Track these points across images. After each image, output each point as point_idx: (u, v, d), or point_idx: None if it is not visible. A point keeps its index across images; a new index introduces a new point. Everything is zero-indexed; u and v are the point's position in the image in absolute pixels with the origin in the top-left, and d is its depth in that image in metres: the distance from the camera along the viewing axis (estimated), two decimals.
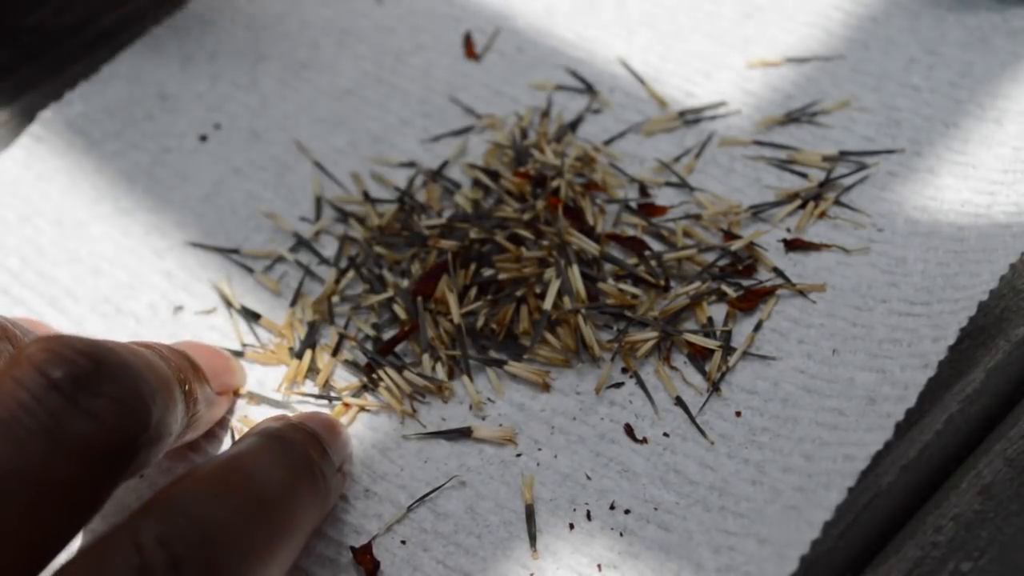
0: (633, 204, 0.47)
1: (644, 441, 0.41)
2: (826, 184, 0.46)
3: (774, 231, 0.45)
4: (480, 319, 0.44)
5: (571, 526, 0.39)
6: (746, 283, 0.44)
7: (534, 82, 0.51)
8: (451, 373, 0.43)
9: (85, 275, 0.47)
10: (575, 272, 0.44)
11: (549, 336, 0.43)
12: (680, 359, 0.42)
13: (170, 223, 0.49)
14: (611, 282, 0.44)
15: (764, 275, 0.44)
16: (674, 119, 0.49)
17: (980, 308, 0.40)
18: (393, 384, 0.43)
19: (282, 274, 0.47)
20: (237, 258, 0.48)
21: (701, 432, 0.40)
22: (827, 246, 0.45)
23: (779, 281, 0.44)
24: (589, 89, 0.51)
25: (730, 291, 0.43)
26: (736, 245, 0.45)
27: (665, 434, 0.41)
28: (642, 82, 0.51)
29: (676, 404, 0.41)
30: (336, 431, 0.40)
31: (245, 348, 0.45)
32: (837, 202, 0.46)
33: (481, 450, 0.41)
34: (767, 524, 0.37)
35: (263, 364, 0.45)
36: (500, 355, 0.43)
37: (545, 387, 0.43)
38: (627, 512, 0.39)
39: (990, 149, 0.46)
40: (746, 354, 0.42)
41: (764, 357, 0.42)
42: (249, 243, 0.48)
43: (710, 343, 0.42)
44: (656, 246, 0.46)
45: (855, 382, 0.40)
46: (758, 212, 0.46)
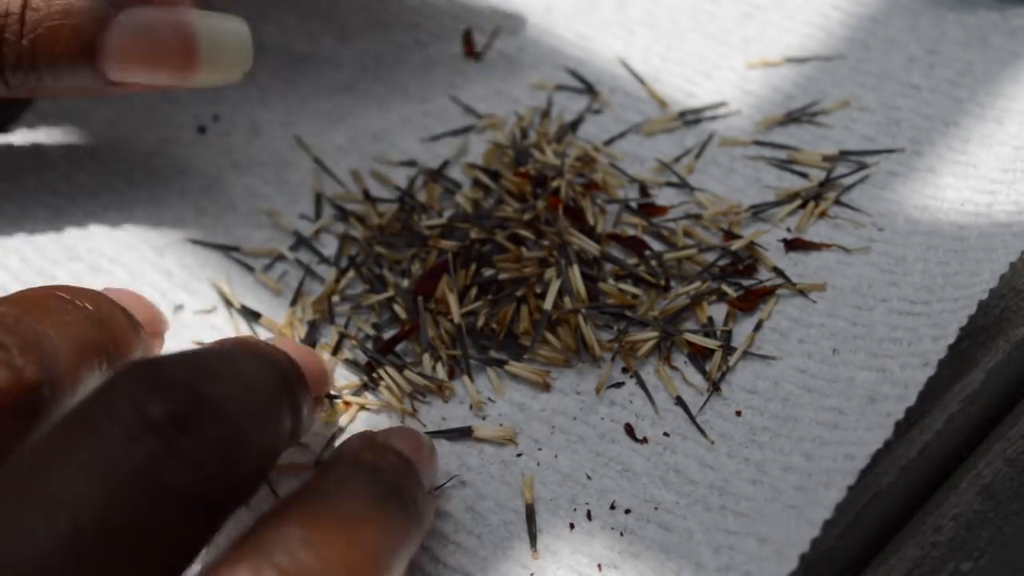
0: (633, 204, 0.47)
1: (644, 441, 0.41)
2: (826, 184, 0.46)
3: (774, 231, 0.45)
4: (480, 319, 0.44)
5: (571, 526, 0.39)
6: (746, 283, 0.44)
7: (534, 82, 0.51)
8: (451, 373, 0.43)
9: (84, 273, 0.47)
10: (575, 272, 0.44)
11: (549, 336, 0.43)
12: (680, 359, 0.42)
13: (169, 219, 0.49)
14: (611, 282, 0.44)
15: (764, 275, 0.44)
16: (674, 119, 0.49)
17: (980, 307, 0.40)
18: (393, 383, 0.43)
19: (282, 273, 0.47)
20: (237, 256, 0.48)
21: (701, 431, 0.40)
22: (827, 246, 0.45)
23: (779, 281, 0.44)
24: (589, 89, 0.51)
25: (730, 291, 0.43)
26: (736, 245, 0.45)
27: (665, 434, 0.41)
28: (642, 82, 0.51)
29: (676, 404, 0.41)
30: (424, 450, 0.38)
31: None
32: (837, 202, 0.46)
33: (481, 450, 0.41)
34: (767, 523, 0.37)
35: None
36: (500, 355, 0.43)
37: (545, 387, 0.43)
38: (627, 512, 0.39)
39: (990, 148, 0.46)
40: (747, 354, 0.42)
41: (764, 357, 0.42)
42: (249, 240, 0.48)
43: (710, 343, 0.42)
44: (656, 246, 0.46)
45: (855, 381, 0.40)
46: (758, 212, 0.46)
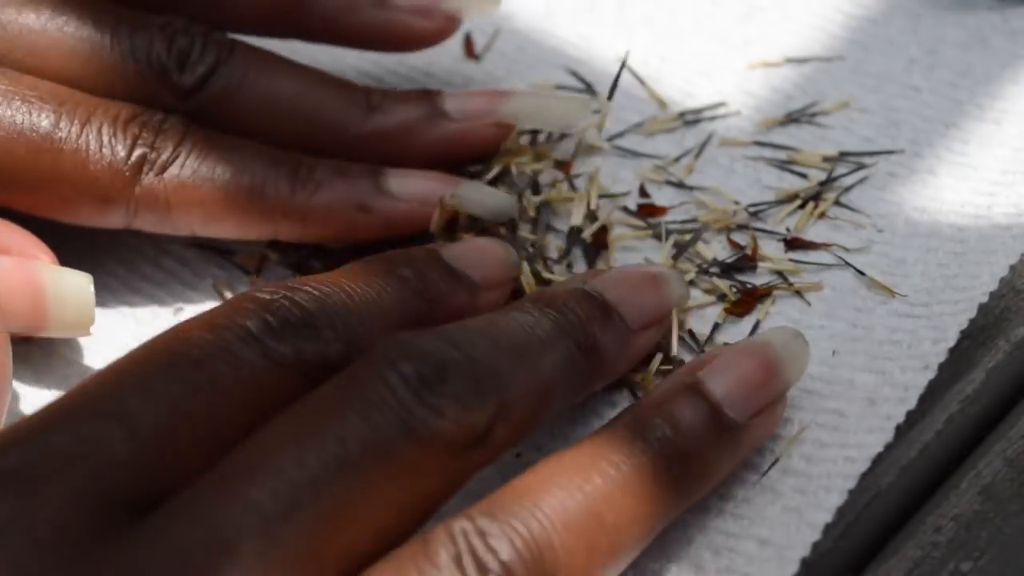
0: (633, 204, 0.47)
1: None
2: (826, 185, 0.46)
3: (774, 231, 0.45)
4: None
5: None
6: (743, 282, 0.44)
7: (534, 82, 0.51)
8: None
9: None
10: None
11: None
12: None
13: None
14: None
15: (763, 275, 0.44)
16: (674, 119, 0.49)
17: (980, 308, 0.40)
18: None
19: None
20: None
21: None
22: (827, 246, 0.45)
23: (776, 281, 0.44)
24: (589, 89, 0.51)
25: (728, 291, 0.43)
26: (735, 245, 0.45)
27: None
28: (642, 82, 0.51)
29: None
30: (638, 286, 0.39)
31: None
32: (837, 203, 0.46)
33: None
34: (767, 526, 0.37)
35: None
36: None
37: None
38: None
39: (990, 150, 0.46)
40: None
41: None
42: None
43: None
44: (656, 245, 0.46)
45: (855, 383, 0.40)
46: (758, 212, 0.46)
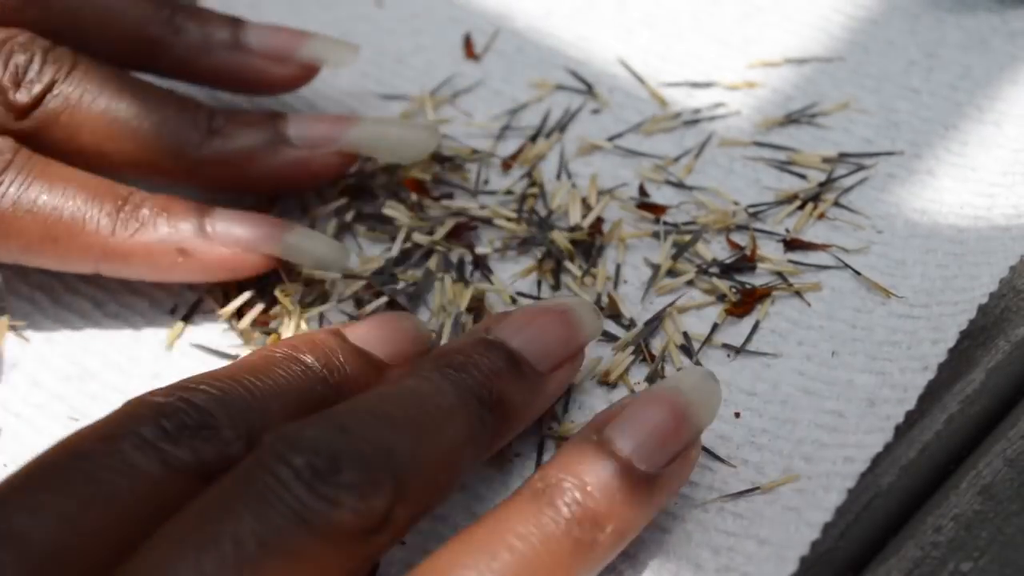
0: (632, 204, 0.47)
1: None
2: (825, 185, 0.46)
3: (773, 232, 0.45)
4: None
5: None
6: (743, 282, 0.44)
7: (534, 82, 0.51)
8: None
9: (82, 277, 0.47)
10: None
11: None
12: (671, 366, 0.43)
13: None
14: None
15: (762, 276, 0.44)
16: (674, 119, 0.49)
17: (980, 308, 0.40)
18: None
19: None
20: None
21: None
22: (826, 247, 0.45)
23: (776, 282, 0.44)
24: (589, 89, 0.51)
25: (728, 292, 0.43)
26: (735, 245, 0.45)
27: None
28: (642, 82, 0.51)
29: None
30: (544, 328, 0.39)
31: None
32: (836, 203, 0.46)
33: None
34: (767, 525, 0.37)
35: None
36: None
37: None
38: None
39: (989, 151, 0.46)
40: (746, 353, 0.42)
41: (763, 355, 0.42)
42: None
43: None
44: (655, 245, 0.46)
45: (855, 384, 0.40)
46: (757, 213, 0.46)
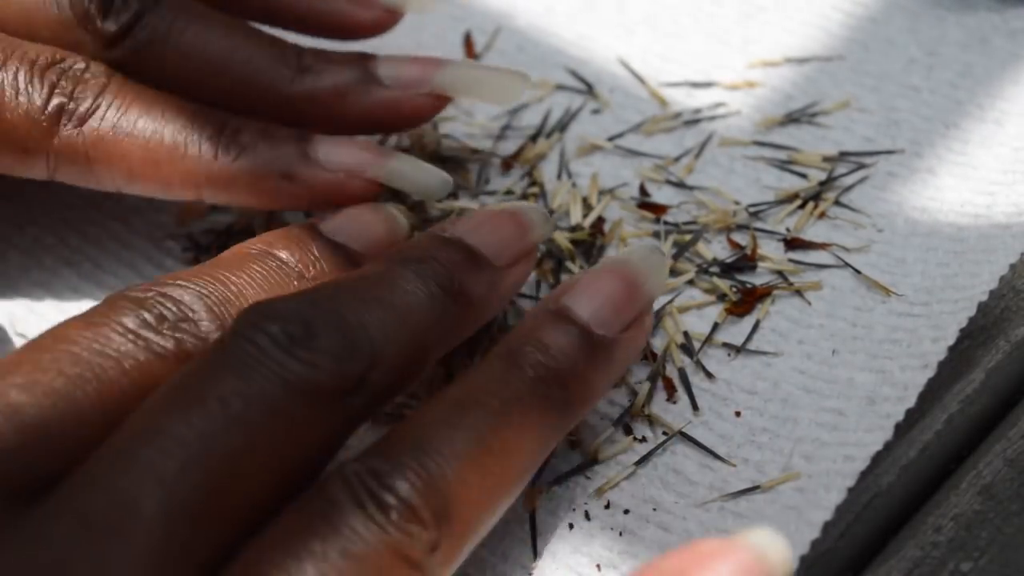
0: (633, 203, 0.47)
1: (643, 440, 0.41)
2: (826, 184, 0.46)
3: (774, 231, 0.45)
4: None
5: (570, 526, 0.39)
6: (743, 281, 0.44)
7: (534, 81, 0.51)
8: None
9: (89, 271, 0.47)
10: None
11: None
12: (672, 368, 0.43)
13: (173, 219, 0.49)
14: None
15: (762, 275, 0.44)
16: (674, 119, 0.49)
17: (980, 308, 0.40)
18: None
19: None
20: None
21: (694, 441, 0.40)
22: (826, 246, 0.45)
23: (776, 281, 0.44)
24: (589, 89, 0.51)
25: (728, 291, 0.43)
26: (735, 245, 0.45)
27: (664, 433, 0.41)
28: (642, 82, 0.51)
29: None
30: (498, 225, 0.39)
31: None
32: (837, 202, 0.46)
33: None
34: (767, 524, 0.37)
35: None
36: None
37: None
38: (626, 512, 0.39)
39: (990, 150, 0.46)
40: (747, 352, 0.42)
41: (764, 353, 0.42)
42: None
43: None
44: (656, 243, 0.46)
45: (855, 382, 0.40)
46: (758, 212, 0.46)
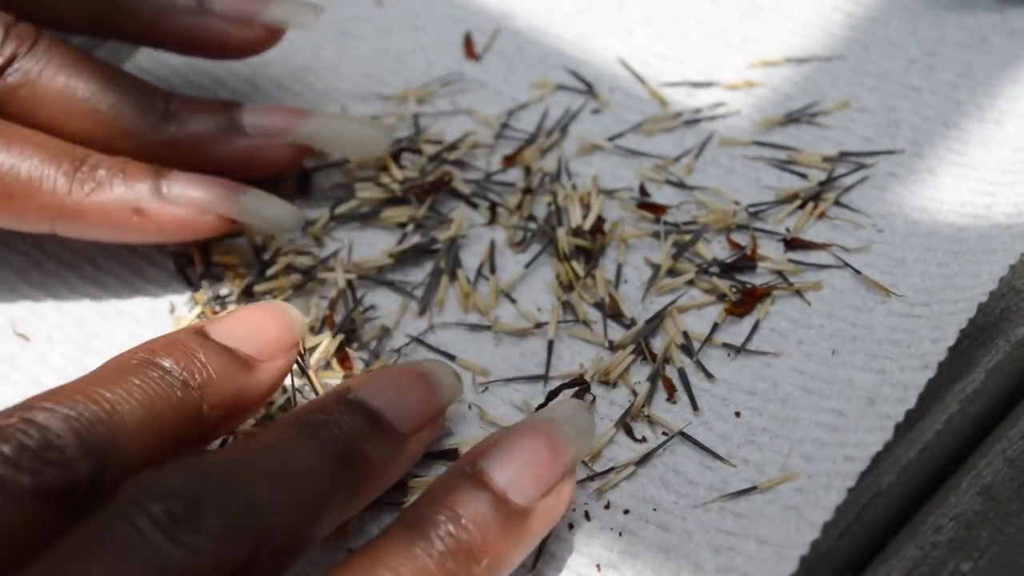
0: (633, 203, 0.47)
1: (643, 440, 0.41)
2: (826, 185, 0.46)
3: (774, 231, 0.45)
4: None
5: (570, 526, 0.39)
6: (743, 281, 0.44)
7: (534, 82, 0.51)
8: None
9: (89, 272, 0.47)
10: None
11: None
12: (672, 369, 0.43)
13: None
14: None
15: (762, 275, 0.44)
16: (674, 119, 0.49)
17: (980, 308, 0.40)
18: None
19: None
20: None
21: (694, 441, 0.40)
22: (826, 246, 0.45)
23: (776, 281, 0.44)
24: (589, 89, 0.51)
25: (728, 291, 0.43)
26: (735, 245, 0.45)
27: (664, 433, 0.41)
28: (642, 82, 0.51)
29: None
30: (405, 389, 0.38)
31: None
32: (837, 203, 0.46)
33: None
34: (767, 524, 0.37)
35: None
36: None
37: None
38: (626, 512, 0.39)
39: (990, 150, 0.46)
40: (746, 352, 0.42)
41: (764, 354, 0.42)
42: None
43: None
44: (655, 245, 0.46)
45: (855, 383, 0.40)
46: (758, 212, 0.46)
